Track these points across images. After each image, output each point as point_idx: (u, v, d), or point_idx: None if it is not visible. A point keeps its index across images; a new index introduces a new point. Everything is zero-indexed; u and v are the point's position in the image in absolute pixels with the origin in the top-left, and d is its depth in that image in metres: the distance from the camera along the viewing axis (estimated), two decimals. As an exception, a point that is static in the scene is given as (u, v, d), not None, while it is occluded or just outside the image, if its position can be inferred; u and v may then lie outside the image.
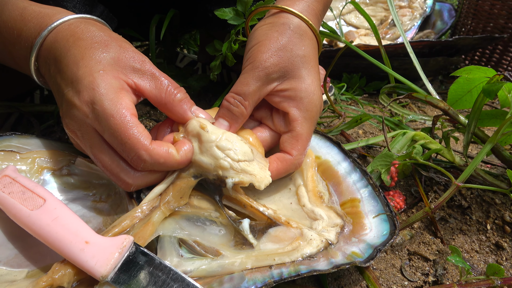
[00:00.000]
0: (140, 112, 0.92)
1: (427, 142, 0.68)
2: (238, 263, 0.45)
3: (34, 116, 0.79)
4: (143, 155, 0.44)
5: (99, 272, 0.39)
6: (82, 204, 0.54)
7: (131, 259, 0.41)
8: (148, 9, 0.89)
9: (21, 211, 0.43)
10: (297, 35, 0.54)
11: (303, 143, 0.54)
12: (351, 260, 0.46)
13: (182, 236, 0.47)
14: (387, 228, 0.51)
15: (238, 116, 0.53)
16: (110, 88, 0.45)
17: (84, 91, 0.44)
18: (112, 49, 0.47)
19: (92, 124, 0.45)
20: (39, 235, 0.42)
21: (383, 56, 0.84)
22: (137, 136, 0.44)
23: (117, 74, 0.46)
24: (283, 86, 0.53)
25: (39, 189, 0.45)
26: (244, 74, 0.53)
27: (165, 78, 0.49)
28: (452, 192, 0.55)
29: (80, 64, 0.45)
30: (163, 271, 0.41)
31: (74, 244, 0.40)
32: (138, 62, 0.48)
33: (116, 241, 0.41)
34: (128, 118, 0.44)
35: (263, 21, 0.56)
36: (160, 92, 0.48)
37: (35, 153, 0.56)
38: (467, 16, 1.37)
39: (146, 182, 0.48)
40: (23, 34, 0.49)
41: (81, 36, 0.47)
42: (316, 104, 0.54)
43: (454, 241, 0.61)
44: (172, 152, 0.46)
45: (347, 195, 0.58)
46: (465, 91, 0.69)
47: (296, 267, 0.45)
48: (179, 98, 0.49)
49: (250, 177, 0.49)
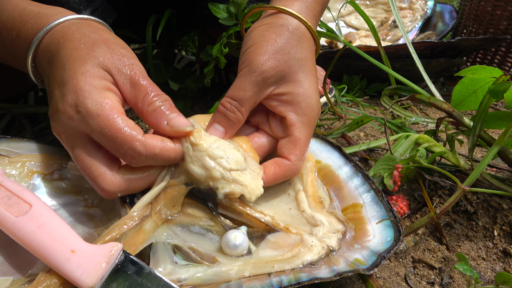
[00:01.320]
0: (136, 114, 0.90)
1: (431, 145, 0.66)
2: (235, 270, 0.43)
3: (26, 118, 0.77)
4: (137, 147, 0.42)
5: (85, 284, 0.37)
6: (74, 210, 0.52)
7: (119, 269, 0.39)
8: (145, 9, 0.88)
9: (6, 218, 0.41)
10: (295, 37, 0.52)
11: (302, 148, 0.52)
12: (354, 268, 0.44)
13: (176, 243, 0.45)
14: (391, 234, 0.49)
15: (235, 122, 0.52)
16: (93, 90, 0.43)
17: (68, 95, 0.43)
18: (98, 49, 0.45)
19: (78, 126, 0.43)
20: (24, 243, 0.40)
21: (383, 57, 0.82)
22: (127, 130, 0.42)
23: (102, 75, 0.45)
24: (280, 90, 0.52)
25: (25, 193, 0.43)
26: (240, 78, 0.51)
27: (146, 86, 0.45)
28: (458, 196, 0.53)
29: (66, 67, 0.44)
30: (153, 281, 0.39)
31: (59, 253, 0.38)
32: (125, 64, 0.46)
33: (104, 249, 0.39)
34: (115, 115, 0.42)
35: (261, 21, 0.55)
36: (136, 100, 0.46)
37: (24, 157, 0.54)
38: (469, 18, 1.36)
39: (125, 189, 0.46)
40: (22, 35, 0.48)
41: (70, 37, 0.46)
42: (314, 108, 0.53)
43: (460, 248, 0.59)
44: (167, 142, 0.45)
45: (349, 200, 0.56)
46: (469, 92, 0.67)
47: (297, 274, 0.43)
48: (152, 108, 0.45)
49: (241, 188, 0.47)
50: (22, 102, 0.87)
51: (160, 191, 0.46)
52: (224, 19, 0.68)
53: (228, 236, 0.45)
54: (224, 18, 0.68)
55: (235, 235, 0.45)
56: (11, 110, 0.77)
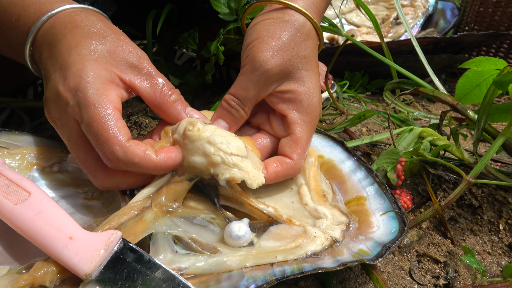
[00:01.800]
0: (137, 109, 0.89)
1: (435, 139, 0.65)
2: (237, 260, 0.42)
3: (26, 112, 0.76)
4: (116, 151, 0.41)
5: (83, 270, 0.36)
6: (73, 202, 0.52)
7: (118, 256, 0.38)
8: (146, 5, 0.87)
9: (4, 205, 0.40)
10: (301, 35, 0.51)
11: (303, 147, 0.52)
12: (358, 258, 0.43)
13: (177, 233, 0.44)
14: (396, 225, 0.48)
15: (238, 119, 0.52)
16: (98, 78, 0.42)
17: (70, 77, 0.42)
18: (109, 41, 0.45)
19: (72, 112, 0.42)
20: (22, 230, 0.39)
21: (385, 52, 0.81)
22: (114, 131, 0.41)
23: (109, 67, 0.44)
24: (282, 88, 0.51)
25: (25, 182, 0.43)
26: (243, 75, 0.51)
27: (160, 78, 0.47)
28: (463, 188, 0.52)
29: (73, 51, 0.44)
30: (153, 269, 0.38)
31: (57, 239, 0.37)
32: (135, 58, 0.46)
33: (103, 236, 0.38)
34: (110, 110, 0.41)
35: (266, 15, 0.54)
36: (154, 91, 0.46)
37: (24, 149, 0.54)
38: (471, 15, 1.35)
39: (117, 185, 0.46)
40: (22, 19, 0.47)
41: (79, 24, 0.46)
42: (316, 106, 0.52)
43: (464, 242, 0.58)
44: (149, 154, 0.43)
45: (352, 193, 0.55)
46: (473, 85, 0.66)
47: (300, 264, 0.42)
48: (173, 99, 0.47)
49: (242, 174, 0.46)
50: (21, 97, 0.86)
51: (162, 185, 0.46)
52: (224, 14, 0.67)
53: (232, 227, 0.44)
54: (224, 13, 0.67)
55: (239, 226, 0.44)
56: (10, 104, 0.76)
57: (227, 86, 0.98)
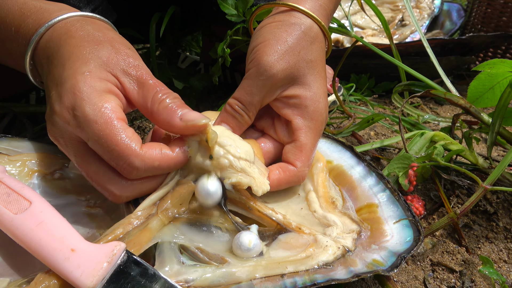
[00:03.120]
0: (140, 114, 0.88)
1: (448, 143, 0.63)
2: (246, 271, 0.41)
3: (28, 117, 0.75)
4: (134, 162, 0.39)
5: (85, 284, 0.34)
6: (75, 210, 0.50)
7: (122, 269, 0.36)
8: (150, 8, 0.86)
9: (4, 215, 0.39)
10: (307, 38, 0.50)
11: (307, 154, 0.50)
12: (372, 269, 0.41)
13: (183, 242, 0.43)
14: (411, 234, 0.46)
15: (242, 124, 0.50)
16: (92, 92, 0.40)
17: (65, 96, 0.40)
18: (103, 49, 0.43)
19: (74, 131, 0.40)
20: (22, 241, 0.37)
21: (394, 52, 0.79)
22: (126, 142, 0.39)
23: (104, 76, 0.42)
24: (287, 93, 0.50)
25: (26, 191, 0.41)
26: (248, 80, 0.49)
27: (154, 85, 0.43)
28: (479, 196, 0.51)
29: (66, 65, 0.41)
30: (158, 283, 0.36)
31: (58, 251, 0.35)
32: (130, 65, 0.43)
33: (106, 248, 0.36)
34: (114, 122, 0.39)
35: (272, 18, 0.52)
36: (145, 101, 0.43)
37: (25, 156, 0.52)
38: (477, 16, 1.33)
39: (138, 193, 0.43)
40: (21, 31, 0.45)
41: (73, 34, 0.43)
42: (322, 113, 0.51)
43: (480, 250, 0.56)
44: (166, 152, 0.42)
45: (363, 200, 0.53)
46: (486, 88, 0.64)
47: (311, 276, 0.40)
48: (163, 105, 0.42)
49: (249, 179, 0.45)
50: (24, 102, 0.85)
51: (169, 191, 0.44)
52: (231, 15, 0.66)
53: (242, 239, 0.43)
54: (231, 14, 0.66)
55: (249, 240, 0.42)
56: (12, 110, 0.75)
57: (231, 89, 0.96)
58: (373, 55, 0.94)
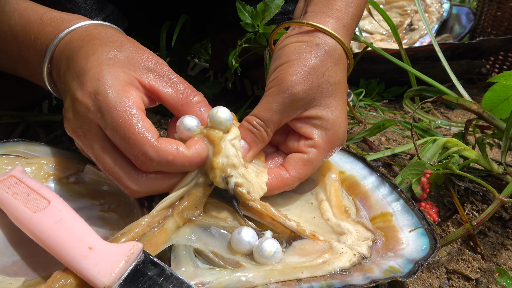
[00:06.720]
0: (151, 121, 0.88)
1: (461, 149, 0.62)
2: (261, 276, 0.41)
3: (40, 126, 0.76)
4: (148, 152, 0.40)
5: (102, 282, 0.35)
6: (89, 214, 0.51)
7: (139, 269, 0.37)
8: (160, 15, 0.87)
9: (23, 213, 0.39)
10: (332, 59, 0.50)
11: (307, 171, 0.50)
12: (389, 275, 0.41)
13: (198, 246, 0.43)
14: (427, 242, 0.46)
15: (259, 140, 0.50)
16: (116, 80, 0.41)
17: (88, 82, 0.41)
18: (127, 49, 0.45)
19: (94, 118, 0.41)
20: (40, 239, 0.38)
21: (403, 57, 0.79)
22: (142, 131, 0.40)
23: (128, 71, 0.43)
24: (309, 113, 0.49)
25: (44, 190, 0.42)
26: (268, 97, 0.49)
27: (181, 81, 0.46)
28: (495, 207, 0.50)
29: (90, 59, 0.43)
30: (175, 284, 0.36)
31: (76, 249, 0.36)
32: (154, 63, 0.45)
33: (123, 248, 0.37)
34: (134, 111, 0.40)
35: (295, 37, 0.51)
36: (176, 93, 0.45)
37: (42, 159, 0.53)
38: (487, 20, 1.32)
39: (154, 189, 0.44)
40: (40, 38, 0.47)
41: (97, 35, 0.46)
42: (340, 137, 0.51)
43: (496, 258, 0.55)
44: (182, 149, 0.42)
45: (377, 210, 0.53)
46: (501, 99, 0.64)
47: (328, 281, 0.40)
48: (196, 100, 0.46)
49: (248, 184, 0.46)
50: (36, 111, 0.86)
51: (183, 194, 0.45)
52: (246, 23, 0.66)
53: (264, 247, 0.43)
54: (246, 22, 0.66)
55: (272, 247, 0.42)
56: (25, 119, 0.76)
57: (241, 96, 0.96)
58: (382, 60, 0.94)
